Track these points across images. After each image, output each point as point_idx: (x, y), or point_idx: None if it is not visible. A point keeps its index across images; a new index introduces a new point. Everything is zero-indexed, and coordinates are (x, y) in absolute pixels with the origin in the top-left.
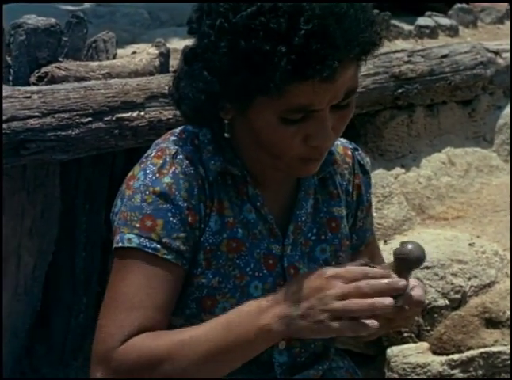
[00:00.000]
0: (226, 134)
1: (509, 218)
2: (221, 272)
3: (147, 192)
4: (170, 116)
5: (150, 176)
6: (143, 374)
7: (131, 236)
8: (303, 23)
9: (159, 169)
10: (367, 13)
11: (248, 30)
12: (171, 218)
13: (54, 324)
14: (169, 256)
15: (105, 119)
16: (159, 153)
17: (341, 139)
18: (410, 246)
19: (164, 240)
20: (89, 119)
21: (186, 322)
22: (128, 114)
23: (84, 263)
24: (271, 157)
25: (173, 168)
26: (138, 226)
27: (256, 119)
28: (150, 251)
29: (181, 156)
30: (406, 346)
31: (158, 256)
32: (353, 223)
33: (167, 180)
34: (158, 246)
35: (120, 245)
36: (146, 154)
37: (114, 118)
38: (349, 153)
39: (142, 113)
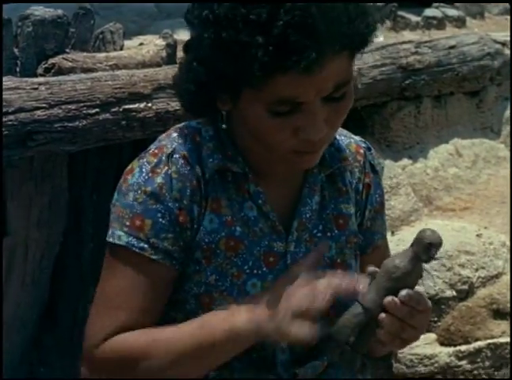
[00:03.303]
0: (223, 126)
1: None
2: (218, 270)
3: (139, 192)
4: (178, 107)
5: (144, 174)
6: (122, 372)
7: (121, 233)
8: (283, 14)
9: (153, 168)
10: (359, 4)
11: (229, 21)
12: (160, 219)
13: (61, 315)
14: (155, 257)
15: (113, 110)
16: (156, 151)
17: (356, 137)
18: (427, 234)
19: (152, 240)
20: (97, 110)
21: (186, 317)
22: (136, 105)
23: (91, 254)
24: (265, 150)
25: (167, 168)
26: (128, 224)
27: (246, 111)
28: (137, 250)
29: (177, 155)
30: None
31: (145, 256)
32: (360, 222)
33: (159, 180)
34: (146, 246)
35: (111, 240)
36: (147, 149)
37: (121, 109)
38: (362, 151)
39: (149, 104)
